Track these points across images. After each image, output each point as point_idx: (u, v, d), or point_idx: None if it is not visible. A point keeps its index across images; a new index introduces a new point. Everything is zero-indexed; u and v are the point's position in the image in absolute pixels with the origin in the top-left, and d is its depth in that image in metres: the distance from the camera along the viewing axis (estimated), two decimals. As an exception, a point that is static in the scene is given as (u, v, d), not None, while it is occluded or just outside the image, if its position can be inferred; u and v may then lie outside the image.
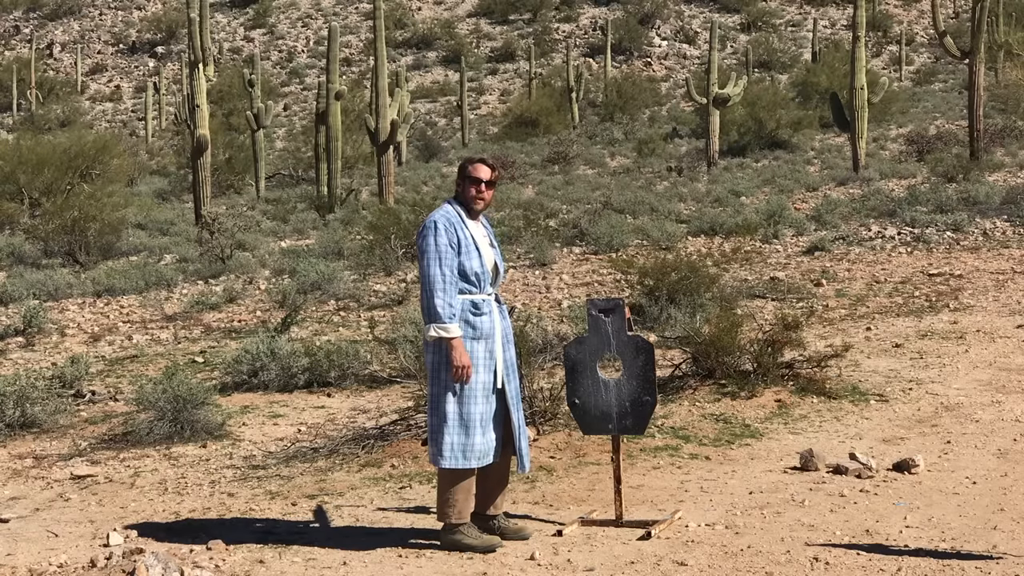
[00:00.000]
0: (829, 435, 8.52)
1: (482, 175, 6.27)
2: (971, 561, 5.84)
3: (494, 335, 6.23)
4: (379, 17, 31.90)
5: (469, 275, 6.18)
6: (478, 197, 6.27)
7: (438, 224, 6.15)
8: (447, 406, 6.12)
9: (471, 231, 6.25)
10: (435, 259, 6.07)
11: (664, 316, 12.45)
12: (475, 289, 6.21)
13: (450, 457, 6.11)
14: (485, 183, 6.28)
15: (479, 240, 6.27)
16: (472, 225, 6.28)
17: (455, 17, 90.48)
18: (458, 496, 6.16)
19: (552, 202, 30.05)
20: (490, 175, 6.31)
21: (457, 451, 6.10)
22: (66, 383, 11.10)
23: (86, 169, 34.92)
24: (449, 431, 6.11)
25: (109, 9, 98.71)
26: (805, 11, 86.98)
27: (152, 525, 7.04)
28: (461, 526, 6.19)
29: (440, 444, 6.12)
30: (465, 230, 6.23)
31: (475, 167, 6.30)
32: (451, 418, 6.11)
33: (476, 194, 6.26)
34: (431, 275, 6.05)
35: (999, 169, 31.50)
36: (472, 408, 6.11)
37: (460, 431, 6.10)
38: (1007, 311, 13.01)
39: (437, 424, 6.15)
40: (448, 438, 6.11)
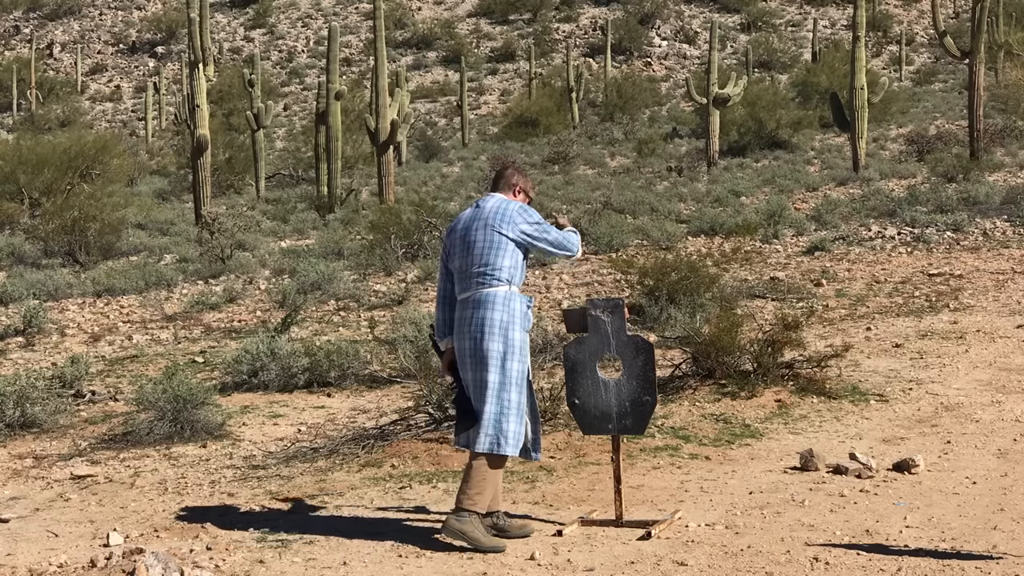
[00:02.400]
0: (829, 435, 8.52)
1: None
2: (971, 561, 5.84)
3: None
4: (379, 17, 31.90)
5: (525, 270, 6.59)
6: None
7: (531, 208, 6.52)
8: (514, 394, 6.26)
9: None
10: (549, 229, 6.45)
11: (664, 316, 12.45)
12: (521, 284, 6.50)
13: (514, 444, 6.24)
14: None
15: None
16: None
17: (455, 17, 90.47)
18: (489, 487, 6.24)
19: (552, 202, 30.05)
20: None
21: (517, 439, 6.24)
22: (66, 383, 11.11)
23: (86, 169, 34.92)
24: (514, 419, 6.23)
25: (109, 9, 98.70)
26: (805, 11, 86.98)
27: (152, 525, 7.05)
28: (478, 516, 6.21)
29: (504, 432, 6.21)
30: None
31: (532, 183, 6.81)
32: (516, 406, 6.24)
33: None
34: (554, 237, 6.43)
35: (999, 169, 31.50)
36: (524, 400, 6.32)
37: (519, 420, 6.25)
38: (1007, 311, 13.01)
39: (501, 411, 6.24)
40: (512, 425, 6.22)
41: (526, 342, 6.33)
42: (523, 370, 6.28)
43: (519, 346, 6.28)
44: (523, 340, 6.32)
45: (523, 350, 6.31)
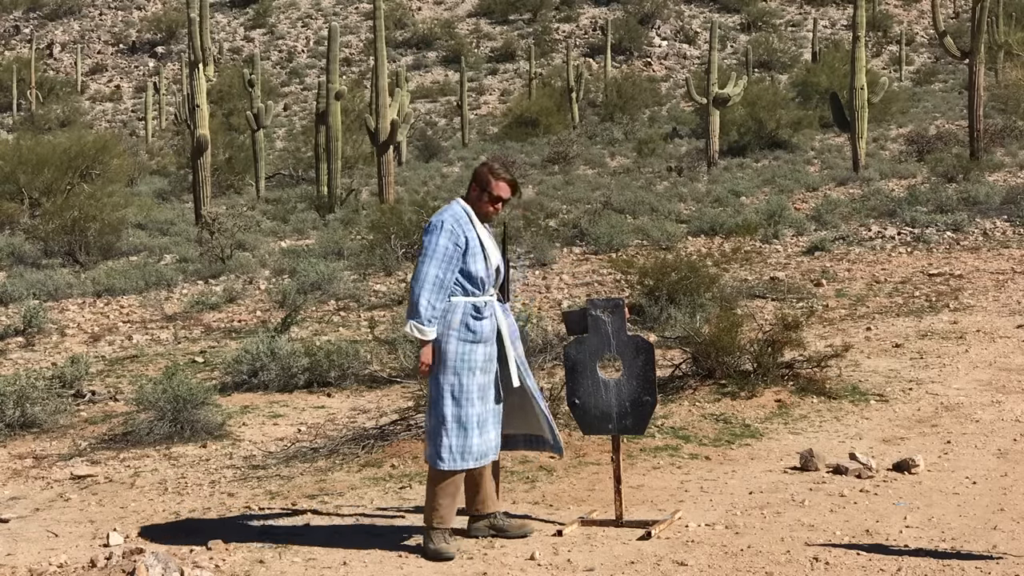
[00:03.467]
0: (829, 435, 8.52)
1: (503, 194, 6.24)
2: (971, 561, 5.84)
3: (494, 338, 6.17)
4: (379, 17, 31.90)
5: (475, 277, 6.13)
6: (495, 213, 6.24)
7: (445, 224, 6.08)
8: (445, 408, 6.07)
9: (479, 232, 6.17)
10: (432, 258, 6.02)
11: (664, 316, 12.45)
12: (478, 292, 6.14)
13: (448, 459, 6.07)
14: (504, 201, 6.28)
15: (486, 241, 6.20)
16: (482, 229, 6.23)
17: (455, 17, 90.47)
18: (442, 500, 6.11)
19: (552, 202, 30.06)
20: (511, 195, 6.30)
21: (456, 453, 6.05)
22: (66, 383, 11.11)
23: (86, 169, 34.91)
24: (448, 433, 6.05)
25: (109, 9, 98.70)
26: (805, 11, 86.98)
27: (152, 525, 7.05)
28: (438, 530, 6.12)
29: (438, 446, 6.07)
30: (473, 231, 6.15)
31: (499, 185, 6.22)
32: (449, 420, 6.05)
33: (492, 211, 6.23)
34: (424, 273, 6.02)
35: (999, 169, 31.49)
36: (470, 410, 6.05)
37: (459, 433, 6.04)
38: (1007, 311, 13.01)
39: (435, 426, 6.10)
40: (447, 440, 6.04)
41: (467, 353, 6.08)
42: (459, 383, 6.04)
43: (451, 359, 6.05)
44: (459, 352, 6.07)
45: (458, 363, 6.06)
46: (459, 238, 6.07)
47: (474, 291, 6.12)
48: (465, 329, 6.07)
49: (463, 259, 6.07)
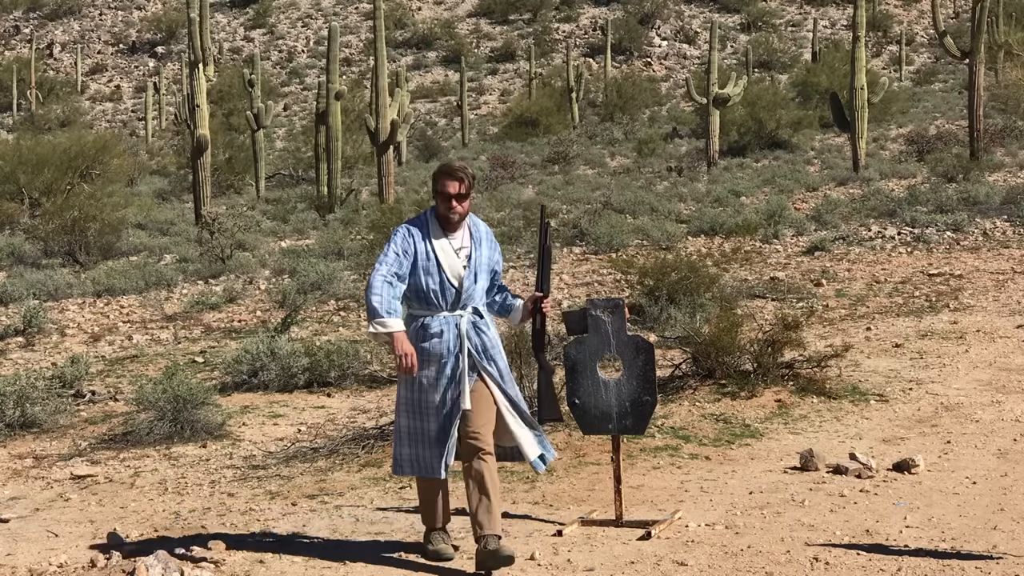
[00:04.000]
0: (829, 435, 8.52)
1: (451, 190, 6.00)
2: (971, 561, 5.84)
3: (452, 357, 5.95)
4: (379, 17, 31.90)
5: (423, 293, 5.99)
6: (452, 211, 6.02)
7: (399, 232, 6.05)
8: (399, 416, 6.08)
9: (435, 245, 6.00)
10: (382, 261, 5.94)
11: (664, 316, 12.45)
12: (428, 309, 6.00)
13: (396, 466, 6.12)
14: (455, 196, 6.01)
15: (443, 256, 6.00)
16: (441, 242, 6.03)
17: (455, 17, 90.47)
18: (423, 504, 6.18)
19: (552, 202, 30.04)
20: (459, 187, 6.01)
21: (404, 461, 6.06)
22: (66, 383, 11.11)
23: (86, 169, 34.89)
24: (399, 440, 6.07)
25: (109, 9, 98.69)
26: (805, 11, 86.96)
27: (152, 525, 7.05)
28: (434, 531, 6.18)
29: (395, 454, 6.13)
30: (427, 244, 6.01)
31: (443, 182, 6.03)
32: (400, 428, 6.05)
33: (448, 210, 6.01)
34: (373, 275, 5.92)
35: (999, 169, 31.48)
36: (416, 423, 5.99)
37: (407, 442, 6.03)
38: (1007, 311, 13.01)
39: (395, 434, 6.16)
40: (397, 447, 6.08)
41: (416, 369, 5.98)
42: (408, 396, 6.01)
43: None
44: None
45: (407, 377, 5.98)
46: (408, 246, 5.98)
47: (423, 308, 6.00)
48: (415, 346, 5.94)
49: (413, 271, 5.95)
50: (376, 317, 5.86)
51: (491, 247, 6.18)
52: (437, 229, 6.04)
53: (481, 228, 6.20)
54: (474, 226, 6.16)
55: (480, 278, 6.07)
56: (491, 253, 6.17)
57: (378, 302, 5.83)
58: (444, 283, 5.96)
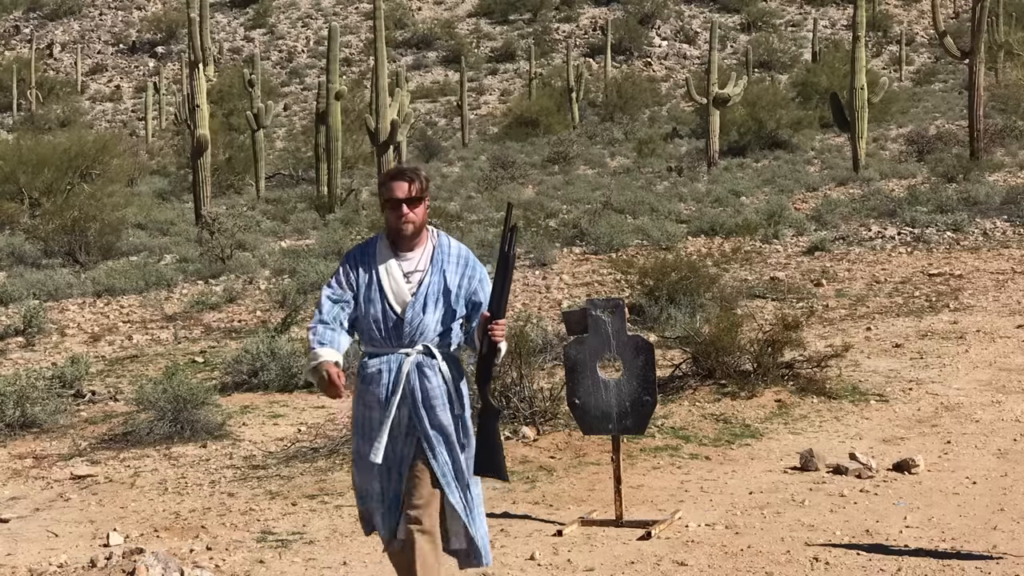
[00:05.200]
0: (829, 435, 8.52)
1: (398, 193, 4.97)
2: (971, 561, 5.84)
3: (393, 403, 4.94)
4: (379, 17, 31.90)
5: (366, 325, 5.03)
6: (402, 223, 4.97)
7: (349, 254, 5.16)
8: (353, 470, 5.18)
9: (379, 269, 5.02)
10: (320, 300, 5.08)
11: (664, 316, 12.45)
12: (372, 345, 5.05)
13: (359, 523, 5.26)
14: (405, 201, 4.96)
15: (387, 280, 5.00)
16: (388, 264, 5.02)
17: (455, 17, 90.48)
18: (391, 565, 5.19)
19: (552, 202, 30.04)
20: (409, 190, 4.97)
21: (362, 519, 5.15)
22: (66, 383, 11.11)
23: (86, 169, 34.89)
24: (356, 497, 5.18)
25: (109, 9, 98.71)
26: (805, 11, 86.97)
27: (152, 525, 7.04)
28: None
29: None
30: (372, 268, 5.03)
31: (389, 186, 5.00)
32: (356, 484, 5.14)
33: (398, 219, 4.97)
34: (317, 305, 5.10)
35: (999, 169, 31.48)
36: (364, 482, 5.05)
37: (360, 500, 5.11)
38: (1007, 311, 13.01)
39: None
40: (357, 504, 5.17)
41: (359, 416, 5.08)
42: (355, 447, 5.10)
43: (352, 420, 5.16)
44: (355, 414, 5.12)
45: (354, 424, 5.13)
46: (354, 268, 5.05)
47: (368, 344, 5.07)
48: (358, 388, 5.08)
49: (354, 302, 5.04)
50: (309, 351, 5.05)
51: (462, 273, 5.06)
52: (386, 250, 5.05)
53: (452, 251, 5.10)
54: (440, 248, 5.07)
55: (432, 309, 4.97)
56: (459, 280, 5.05)
57: (312, 335, 5.00)
58: (386, 312, 4.99)
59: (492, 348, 4.92)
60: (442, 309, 5.00)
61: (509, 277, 5.00)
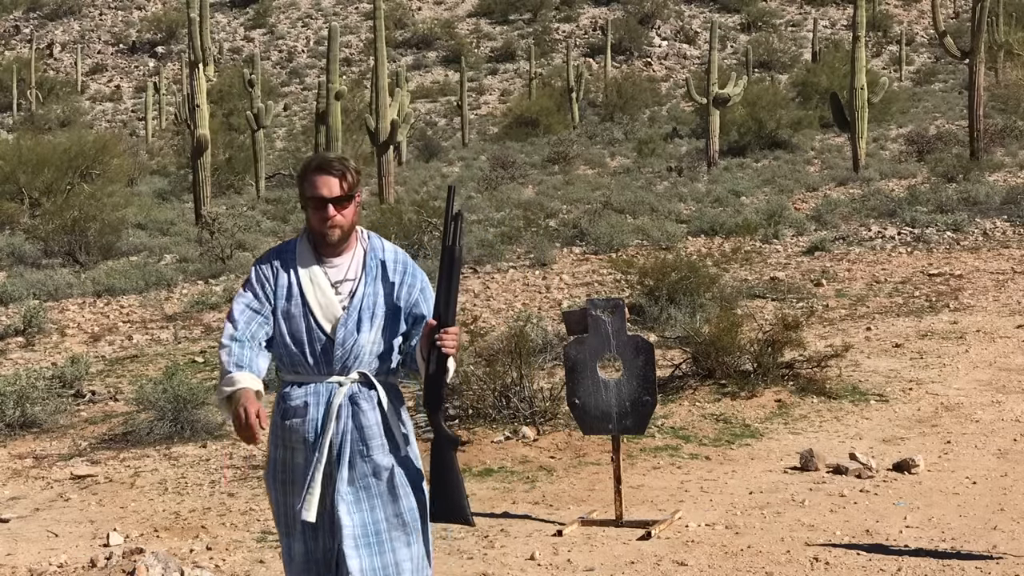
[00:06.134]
0: (829, 435, 8.52)
1: (323, 190, 4.04)
2: (971, 561, 5.84)
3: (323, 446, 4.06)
4: (379, 17, 31.91)
5: (286, 347, 4.14)
6: (327, 227, 4.05)
7: (260, 260, 4.21)
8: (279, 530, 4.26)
9: (301, 277, 4.12)
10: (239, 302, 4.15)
11: (664, 316, 12.45)
12: (295, 372, 4.18)
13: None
14: (332, 201, 4.04)
15: (312, 291, 4.10)
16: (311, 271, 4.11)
17: (455, 17, 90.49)
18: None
19: (552, 202, 30.04)
20: (337, 187, 4.04)
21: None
22: (66, 383, 11.11)
23: (86, 169, 34.90)
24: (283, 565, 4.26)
25: (109, 9, 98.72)
26: (805, 11, 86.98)
27: (152, 525, 7.04)
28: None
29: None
30: (291, 276, 4.12)
31: (312, 181, 4.05)
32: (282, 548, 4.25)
33: (322, 222, 4.05)
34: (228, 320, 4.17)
35: (999, 169, 31.48)
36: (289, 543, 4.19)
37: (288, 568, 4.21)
38: (1007, 311, 13.01)
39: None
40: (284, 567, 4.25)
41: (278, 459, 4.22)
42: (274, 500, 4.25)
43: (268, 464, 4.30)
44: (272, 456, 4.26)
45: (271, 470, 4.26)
46: (270, 275, 4.13)
47: (289, 371, 4.21)
48: (276, 424, 4.24)
49: (272, 318, 4.13)
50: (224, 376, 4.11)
51: (400, 282, 4.16)
52: (308, 254, 4.13)
53: (387, 254, 4.20)
54: (372, 253, 4.18)
55: (368, 327, 4.08)
56: (398, 291, 4.16)
57: (226, 357, 4.11)
58: (312, 331, 4.08)
59: (441, 365, 4.00)
60: (379, 326, 4.10)
61: (456, 275, 4.08)
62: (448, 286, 4.05)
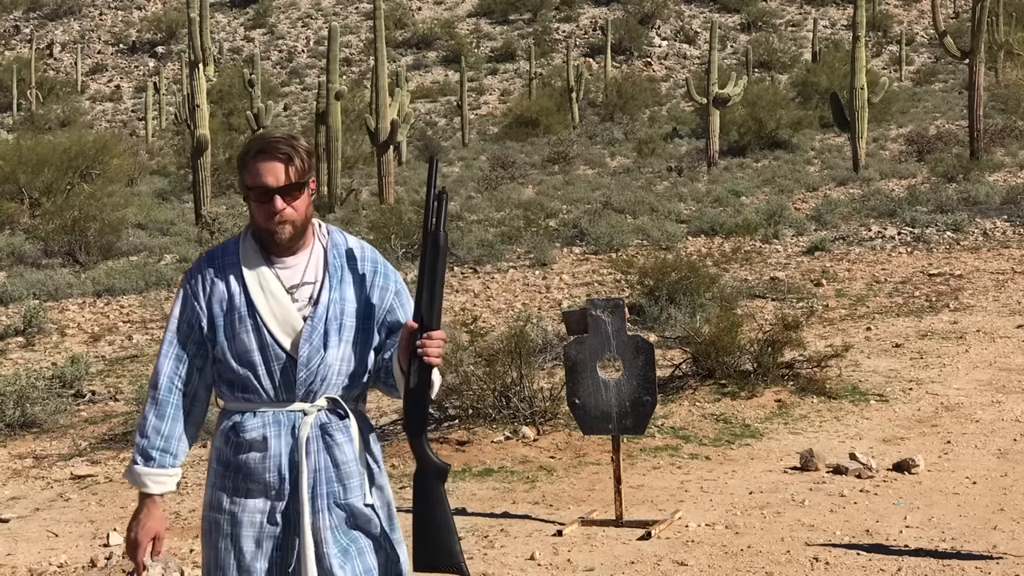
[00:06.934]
0: (829, 435, 8.52)
1: (268, 179, 3.27)
2: (971, 561, 5.84)
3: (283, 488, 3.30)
4: (379, 17, 31.92)
5: (232, 370, 3.35)
6: (275, 224, 3.30)
7: (189, 273, 3.44)
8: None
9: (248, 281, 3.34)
10: (165, 339, 3.40)
11: (664, 316, 12.46)
12: (246, 399, 3.37)
13: None
14: (279, 191, 3.28)
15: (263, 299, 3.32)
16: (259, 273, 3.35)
17: (455, 17, 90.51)
18: None
19: (552, 202, 30.05)
20: (284, 174, 3.28)
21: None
22: (66, 383, 11.11)
23: (86, 169, 34.91)
24: None
25: (109, 9, 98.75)
26: (805, 11, 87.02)
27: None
28: None
29: None
30: (238, 285, 3.34)
31: (255, 168, 3.28)
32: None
33: (268, 219, 3.30)
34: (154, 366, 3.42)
35: (999, 169, 31.49)
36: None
37: None
38: (1007, 311, 13.01)
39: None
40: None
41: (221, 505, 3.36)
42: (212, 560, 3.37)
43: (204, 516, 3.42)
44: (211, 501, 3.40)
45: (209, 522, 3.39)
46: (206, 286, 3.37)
47: (236, 398, 3.40)
48: (220, 464, 3.39)
49: (213, 335, 3.35)
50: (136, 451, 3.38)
51: (371, 283, 3.43)
52: (255, 254, 3.38)
53: (351, 248, 3.45)
54: (335, 249, 3.43)
55: (336, 341, 3.34)
56: (369, 294, 3.41)
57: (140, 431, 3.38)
58: (266, 349, 3.31)
59: (424, 378, 3.28)
60: (350, 339, 3.36)
61: (441, 267, 3.31)
62: (432, 280, 3.28)
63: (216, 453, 3.41)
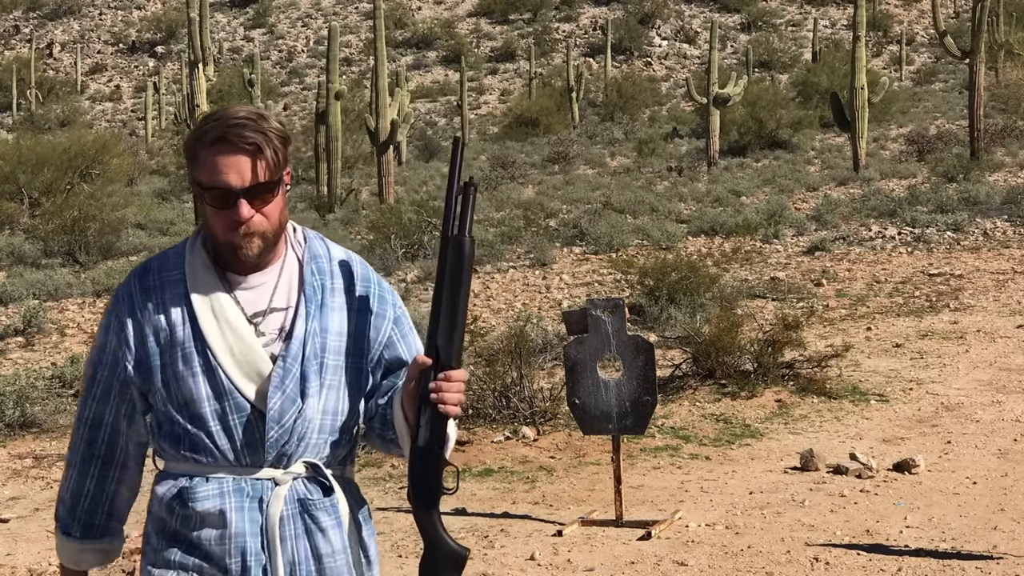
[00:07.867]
0: (829, 435, 8.52)
1: (231, 178, 2.44)
2: (971, 561, 5.84)
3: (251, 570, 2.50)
4: (379, 17, 31.92)
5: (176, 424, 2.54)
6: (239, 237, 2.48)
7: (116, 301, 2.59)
8: None
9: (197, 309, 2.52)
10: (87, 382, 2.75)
11: (664, 316, 12.45)
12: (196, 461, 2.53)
13: None
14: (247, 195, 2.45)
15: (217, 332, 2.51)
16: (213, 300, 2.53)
17: (455, 17, 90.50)
18: None
19: (552, 202, 30.04)
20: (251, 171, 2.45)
21: None
22: (66, 383, 11.10)
23: (86, 169, 34.91)
24: None
25: (109, 9, 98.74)
26: (805, 11, 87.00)
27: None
28: None
29: None
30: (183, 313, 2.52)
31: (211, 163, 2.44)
32: None
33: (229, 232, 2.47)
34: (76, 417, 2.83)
35: (999, 169, 31.48)
36: None
37: None
38: (1007, 311, 13.01)
39: None
40: None
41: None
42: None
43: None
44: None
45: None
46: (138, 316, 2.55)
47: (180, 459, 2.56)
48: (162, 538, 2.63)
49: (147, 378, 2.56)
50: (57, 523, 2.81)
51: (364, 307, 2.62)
52: (205, 270, 2.55)
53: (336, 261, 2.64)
54: (314, 261, 2.61)
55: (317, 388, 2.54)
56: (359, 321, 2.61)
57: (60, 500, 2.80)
58: (223, 397, 2.51)
59: (438, 432, 2.47)
60: (335, 384, 2.56)
61: (466, 283, 2.50)
62: (453, 301, 2.46)
63: (156, 525, 2.58)
